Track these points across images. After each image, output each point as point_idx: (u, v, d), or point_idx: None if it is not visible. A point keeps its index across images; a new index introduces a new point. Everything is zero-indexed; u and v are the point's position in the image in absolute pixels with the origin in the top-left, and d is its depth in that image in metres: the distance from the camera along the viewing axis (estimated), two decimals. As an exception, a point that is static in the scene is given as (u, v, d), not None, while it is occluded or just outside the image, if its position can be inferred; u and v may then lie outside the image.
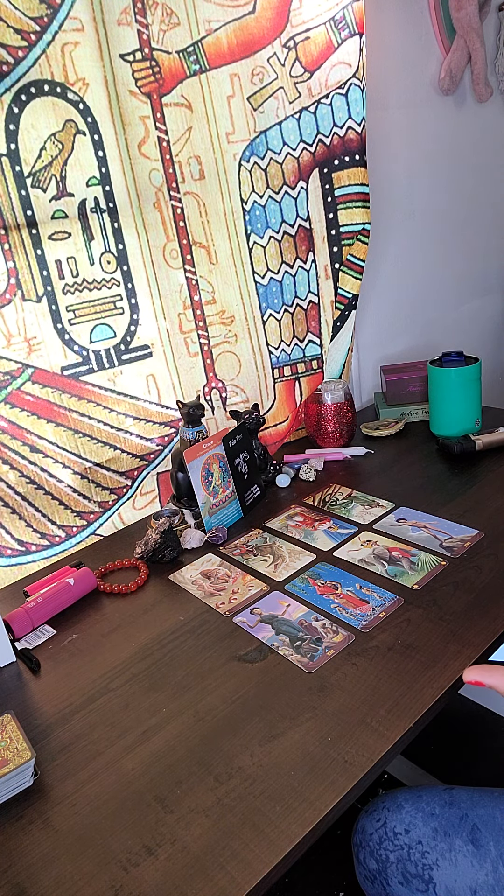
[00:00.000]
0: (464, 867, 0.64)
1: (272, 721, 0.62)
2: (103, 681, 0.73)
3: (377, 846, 0.69)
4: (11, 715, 0.65)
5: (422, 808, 0.69)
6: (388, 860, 0.68)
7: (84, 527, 1.06)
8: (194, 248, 1.08)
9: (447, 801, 0.69)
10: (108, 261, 0.99)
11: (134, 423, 1.08)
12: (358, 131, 1.14)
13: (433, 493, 1.00)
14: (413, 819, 0.68)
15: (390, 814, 0.70)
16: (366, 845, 0.70)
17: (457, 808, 0.68)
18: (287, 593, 0.82)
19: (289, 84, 1.09)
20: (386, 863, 0.68)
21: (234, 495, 1.02)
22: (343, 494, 1.05)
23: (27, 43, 0.85)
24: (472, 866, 0.63)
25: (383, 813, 0.71)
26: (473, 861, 0.64)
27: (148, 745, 0.62)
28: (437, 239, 1.53)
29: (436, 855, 0.65)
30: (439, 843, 0.66)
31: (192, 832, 0.53)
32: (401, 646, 0.70)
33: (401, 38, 1.29)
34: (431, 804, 0.69)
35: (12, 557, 0.99)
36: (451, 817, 0.67)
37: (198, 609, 0.82)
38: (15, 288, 0.92)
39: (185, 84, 1.00)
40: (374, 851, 0.69)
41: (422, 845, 0.66)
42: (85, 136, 0.93)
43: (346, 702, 0.63)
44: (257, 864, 0.49)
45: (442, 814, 0.68)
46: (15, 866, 0.53)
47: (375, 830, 0.70)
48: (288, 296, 1.21)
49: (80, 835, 0.55)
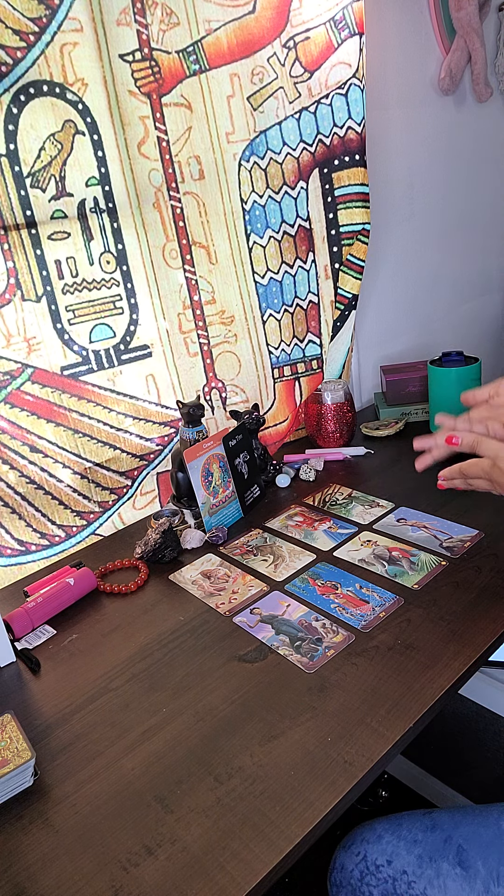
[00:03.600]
0: (454, 892, 0.61)
1: (272, 721, 0.62)
2: (103, 681, 0.73)
3: (359, 883, 0.65)
4: (11, 715, 0.65)
5: (403, 836, 0.65)
6: None
7: (84, 527, 1.06)
8: (194, 248, 1.08)
9: (428, 826, 0.66)
10: (108, 261, 0.99)
11: (134, 423, 1.08)
12: (358, 131, 1.14)
13: (433, 493, 1.00)
14: (395, 848, 0.65)
15: (370, 846, 0.66)
16: (346, 884, 0.66)
17: (440, 831, 0.65)
18: (287, 593, 0.82)
19: (289, 84, 1.09)
20: None
21: (234, 495, 1.02)
22: (343, 494, 1.05)
23: (26, 44, 0.85)
24: (463, 890, 0.60)
25: (362, 846, 0.67)
26: (463, 884, 0.60)
27: (148, 745, 0.62)
28: (437, 239, 1.53)
29: (423, 883, 0.62)
30: (425, 870, 0.62)
31: (192, 832, 0.53)
32: (401, 646, 0.70)
33: (401, 38, 1.29)
34: (413, 830, 0.66)
35: (12, 557, 0.99)
36: (434, 841, 0.64)
37: (198, 609, 0.82)
38: (14, 288, 0.92)
39: (184, 84, 1.00)
40: (355, 890, 0.65)
41: (407, 875, 0.63)
42: (84, 136, 0.93)
43: (346, 702, 0.63)
44: (257, 864, 0.49)
45: (425, 839, 0.64)
46: (15, 866, 0.53)
47: (355, 866, 0.66)
48: (288, 296, 1.21)
49: (80, 835, 0.55)
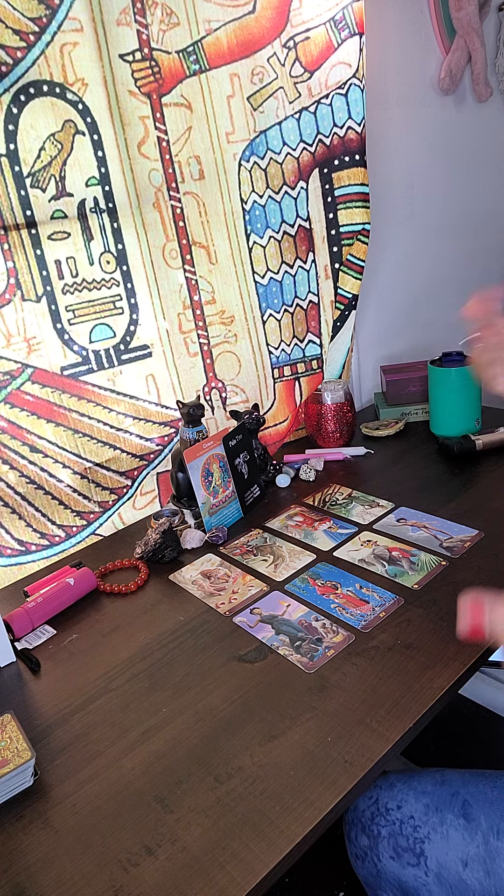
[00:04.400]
0: (455, 840, 0.64)
1: (272, 721, 0.62)
2: (103, 681, 0.73)
3: (369, 822, 0.69)
4: (11, 715, 0.65)
5: (414, 787, 0.70)
6: (379, 835, 0.68)
7: (84, 527, 1.06)
8: (194, 248, 1.08)
9: (439, 781, 0.70)
10: (108, 261, 0.99)
11: (134, 423, 1.08)
12: (358, 131, 1.14)
13: (433, 493, 1.00)
14: (405, 796, 0.69)
15: (382, 791, 0.71)
16: (357, 822, 0.71)
17: (448, 787, 0.69)
18: (287, 593, 0.82)
19: (289, 84, 1.09)
20: (377, 838, 0.68)
21: (234, 495, 1.02)
22: (343, 494, 1.05)
23: (26, 43, 0.85)
24: (464, 839, 0.64)
25: (375, 791, 0.71)
26: (465, 834, 0.64)
27: (148, 745, 0.62)
28: (437, 239, 1.53)
29: (427, 829, 0.66)
30: (431, 817, 0.66)
31: (192, 832, 0.53)
32: (401, 646, 0.70)
33: (401, 38, 1.29)
34: (423, 783, 0.70)
35: (12, 557, 0.99)
36: (442, 794, 0.68)
37: (198, 609, 0.82)
38: (14, 288, 0.92)
39: (184, 84, 1.00)
40: (365, 827, 0.70)
41: (413, 820, 0.67)
42: (84, 136, 0.93)
43: (346, 702, 0.63)
44: (257, 864, 0.49)
45: (434, 791, 0.68)
46: (15, 866, 0.53)
47: (367, 807, 0.71)
48: (288, 296, 1.21)
49: (80, 835, 0.55)
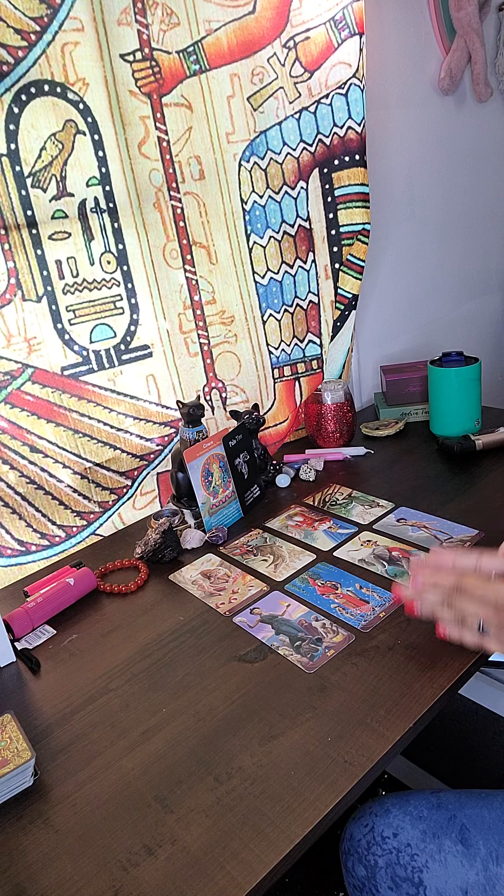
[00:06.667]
0: (454, 868, 0.63)
1: (272, 721, 0.62)
2: (103, 681, 0.73)
3: (365, 852, 0.68)
4: (11, 715, 0.65)
5: (409, 812, 0.69)
6: (376, 865, 0.67)
7: (84, 527, 1.06)
8: (194, 248, 1.08)
9: (434, 804, 0.69)
10: (108, 261, 0.99)
11: (134, 423, 1.08)
12: (358, 131, 1.14)
13: (433, 493, 1.00)
14: (401, 822, 0.68)
15: (378, 818, 0.70)
16: (354, 852, 0.70)
17: (444, 810, 0.67)
18: (287, 593, 0.82)
19: (289, 84, 1.09)
20: (375, 868, 0.67)
21: (234, 495, 1.02)
22: (343, 494, 1.05)
23: (27, 43, 0.85)
24: (463, 866, 0.63)
25: (371, 818, 0.70)
26: (463, 861, 0.63)
27: (148, 745, 0.62)
28: (436, 239, 1.53)
29: (425, 857, 0.65)
30: (428, 844, 0.65)
31: (192, 832, 0.53)
32: (401, 646, 0.70)
33: (401, 38, 1.29)
34: (419, 807, 0.69)
35: (12, 557, 0.99)
36: (439, 819, 0.67)
37: (198, 609, 0.82)
38: (15, 288, 0.92)
39: (185, 84, 1.00)
40: (362, 857, 0.68)
41: (411, 848, 0.66)
42: (85, 136, 0.93)
43: (346, 702, 0.63)
44: (257, 864, 0.49)
45: (430, 816, 0.67)
46: (15, 866, 0.53)
47: (363, 836, 0.69)
48: (288, 296, 1.21)
49: (80, 835, 0.55)
